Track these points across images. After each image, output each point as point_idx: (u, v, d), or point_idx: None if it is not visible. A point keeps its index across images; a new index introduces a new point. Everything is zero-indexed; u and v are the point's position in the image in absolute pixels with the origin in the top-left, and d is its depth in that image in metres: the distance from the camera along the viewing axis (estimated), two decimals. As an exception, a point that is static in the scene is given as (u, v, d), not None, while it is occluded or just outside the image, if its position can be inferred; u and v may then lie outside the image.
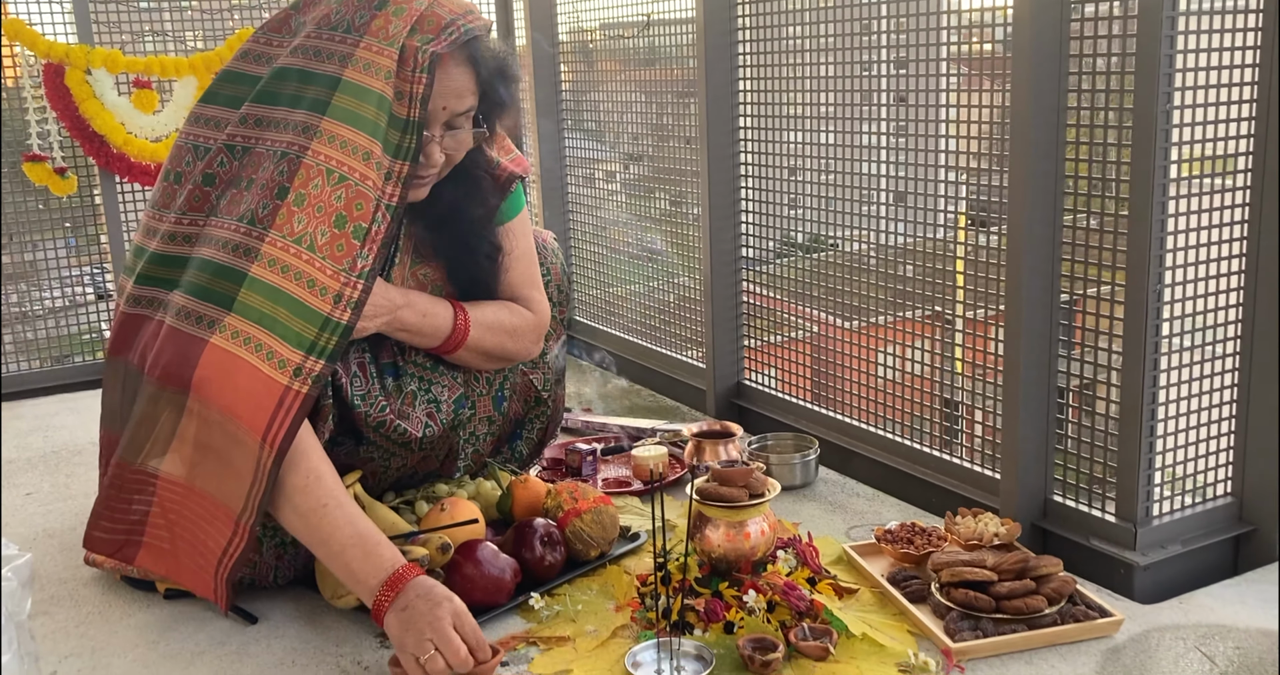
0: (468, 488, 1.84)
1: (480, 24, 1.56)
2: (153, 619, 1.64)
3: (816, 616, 1.49)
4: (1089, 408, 1.73)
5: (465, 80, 1.56)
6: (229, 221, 1.55)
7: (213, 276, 1.53)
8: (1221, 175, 1.62)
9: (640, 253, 2.93)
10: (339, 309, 1.48)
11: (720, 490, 1.58)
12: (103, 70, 2.80)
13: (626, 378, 2.92)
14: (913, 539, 1.71)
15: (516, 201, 1.82)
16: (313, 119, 1.53)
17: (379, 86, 1.51)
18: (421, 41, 1.51)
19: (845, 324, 2.23)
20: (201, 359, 1.48)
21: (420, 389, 1.74)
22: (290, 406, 1.45)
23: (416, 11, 1.52)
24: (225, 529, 1.49)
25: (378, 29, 1.53)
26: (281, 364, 1.47)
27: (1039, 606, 1.47)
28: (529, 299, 1.82)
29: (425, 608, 1.40)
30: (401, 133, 1.51)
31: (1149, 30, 1.49)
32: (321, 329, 1.48)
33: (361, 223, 1.50)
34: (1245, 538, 1.71)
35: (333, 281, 1.48)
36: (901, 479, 2.04)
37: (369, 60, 1.52)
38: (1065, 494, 1.75)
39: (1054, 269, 1.70)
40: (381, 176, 1.51)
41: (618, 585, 1.65)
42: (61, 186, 2.86)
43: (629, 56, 2.92)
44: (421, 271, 1.74)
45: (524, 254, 1.83)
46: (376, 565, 1.45)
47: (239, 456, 1.47)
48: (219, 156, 1.59)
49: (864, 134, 2.15)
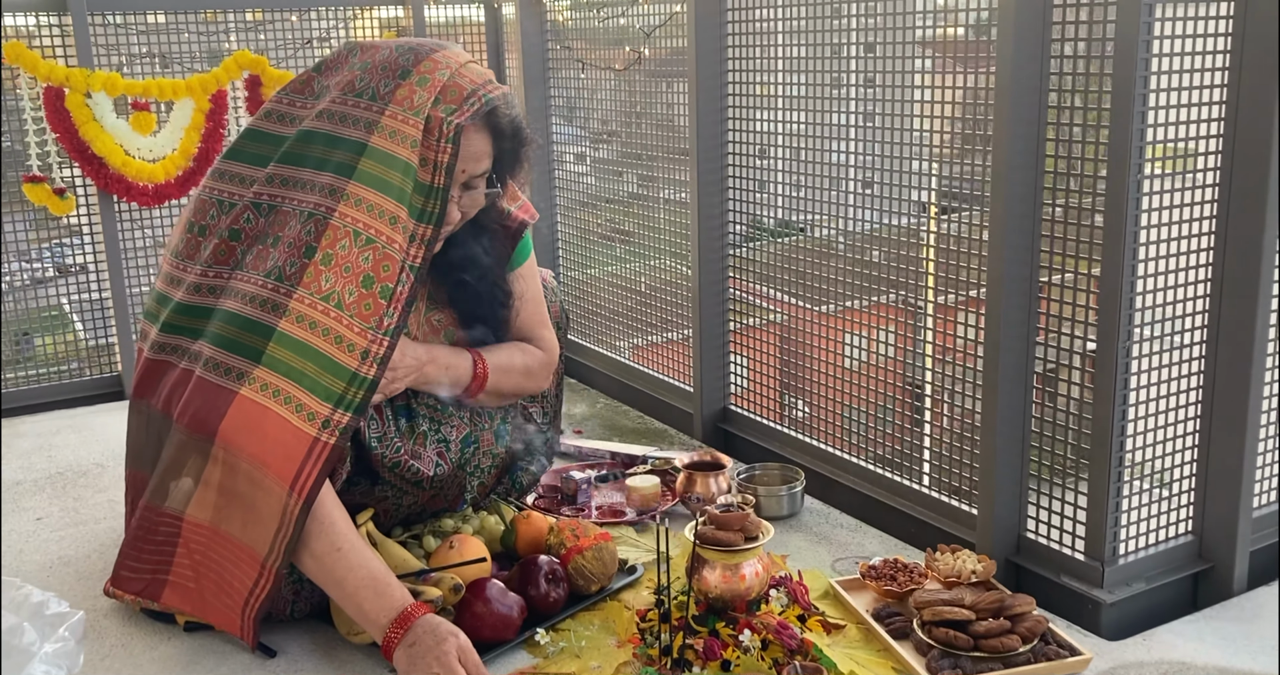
0: (472, 523, 1.93)
1: (499, 93, 1.64)
2: (175, 652, 1.72)
3: (807, 654, 1.59)
4: (1060, 451, 1.84)
5: (483, 145, 1.66)
6: (256, 277, 1.63)
7: (240, 329, 1.61)
8: (1193, 189, 1.70)
9: (627, 294, 3.02)
10: (366, 365, 1.57)
11: (717, 534, 1.68)
12: (102, 93, 2.84)
13: (614, 398, 3.02)
14: (895, 575, 1.81)
15: (525, 247, 1.92)
16: (340, 182, 1.61)
17: (405, 154, 1.59)
18: (446, 112, 1.60)
19: (818, 307, 2.34)
20: (230, 409, 1.56)
21: (431, 429, 1.83)
22: (319, 457, 1.54)
23: (440, 82, 1.61)
24: (251, 571, 1.58)
25: (403, 98, 1.61)
26: (310, 416, 1.55)
27: (1014, 646, 1.59)
28: (540, 338, 1.94)
29: (432, 642, 1.50)
30: (426, 198, 1.60)
31: (1127, 19, 1.57)
32: (349, 383, 1.57)
33: (388, 284, 1.59)
34: (1204, 575, 1.82)
35: (360, 338, 1.57)
36: (882, 510, 2.15)
37: (395, 128, 1.60)
38: (1038, 531, 1.86)
39: (1033, 271, 1.79)
40: (406, 239, 1.60)
41: (619, 620, 1.75)
42: (60, 206, 2.91)
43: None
44: (435, 318, 1.83)
45: (534, 296, 1.94)
46: (388, 605, 1.55)
47: (265, 503, 1.55)
48: (245, 213, 1.67)
49: (836, 113, 2.25)
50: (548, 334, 1.96)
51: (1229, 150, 1.68)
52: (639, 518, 2.14)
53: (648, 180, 2.94)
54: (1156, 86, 1.62)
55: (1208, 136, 1.70)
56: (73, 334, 3.22)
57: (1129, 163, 1.61)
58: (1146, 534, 1.80)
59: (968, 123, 2.00)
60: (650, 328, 2.94)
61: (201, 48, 3.09)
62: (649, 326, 2.94)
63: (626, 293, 3.03)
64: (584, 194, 3.21)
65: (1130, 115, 1.59)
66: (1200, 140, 1.70)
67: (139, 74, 2.99)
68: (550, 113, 3.23)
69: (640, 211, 2.97)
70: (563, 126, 3.24)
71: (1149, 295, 1.71)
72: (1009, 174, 1.74)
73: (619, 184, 3.12)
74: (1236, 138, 1.67)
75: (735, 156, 2.51)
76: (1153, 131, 1.63)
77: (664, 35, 2.76)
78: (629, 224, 3.03)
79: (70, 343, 3.17)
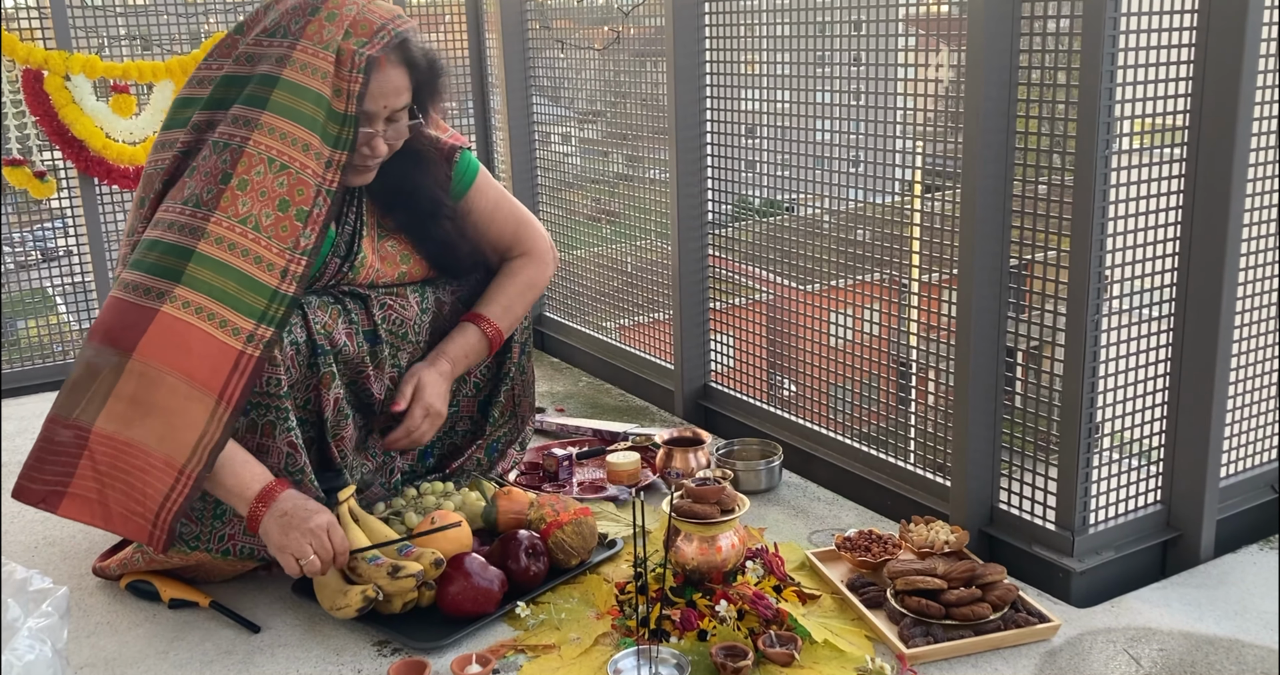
0: (454, 499, 1.95)
1: (408, 27, 1.72)
2: (159, 629, 1.75)
3: (783, 624, 1.63)
4: (1032, 423, 1.87)
5: (401, 79, 1.74)
6: (174, 205, 1.70)
7: (161, 253, 1.68)
8: (1161, 164, 1.73)
9: (611, 272, 3.04)
10: (285, 283, 1.67)
11: (694, 507, 1.70)
12: (81, 75, 2.84)
13: (595, 376, 3.04)
14: (870, 546, 1.84)
15: (469, 167, 2.00)
16: (253, 113, 1.69)
17: (316, 85, 1.67)
18: (358, 44, 1.67)
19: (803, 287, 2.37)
20: (151, 327, 1.64)
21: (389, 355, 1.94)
22: (245, 369, 1.64)
23: (349, 17, 1.69)
24: (167, 478, 1.64)
25: (313, 33, 1.69)
26: (235, 331, 1.64)
27: (984, 613, 1.62)
28: (523, 239, 2.05)
29: (303, 515, 1.65)
30: (340, 126, 1.68)
31: (1094, 3, 1.59)
32: (271, 300, 1.66)
33: (304, 206, 1.68)
34: (1172, 543, 1.86)
35: (279, 258, 1.67)
36: (859, 483, 2.18)
37: (305, 61, 1.68)
38: (1010, 503, 1.89)
39: (1004, 246, 1.81)
40: (321, 165, 1.69)
41: (598, 593, 1.77)
42: (41, 190, 2.91)
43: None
44: (389, 244, 1.92)
45: (499, 201, 2.04)
46: (250, 480, 1.67)
47: (190, 412, 1.63)
48: (175, 164, 1.75)
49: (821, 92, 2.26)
50: (529, 231, 2.06)
51: (1196, 124, 1.71)
52: (619, 493, 2.16)
53: (633, 160, 2.95)
54: (1124, 63, 1.64)
55: (1174, 112, 1.72)
56: (56, 317, 3.23)
57: (1096, 138, 1.63)
58: (1116, 504, 1.83)
59: (952, 100, 2.02)
60: (637, 308, 2.96)
61: (181, 30, 3.08)
62: (636, 306, 2.96)
63: (613, 273, 3.04)
64: (569, 174, 3.22)
65: (1098, 90, 1.61)
66: (1168, 116, 1.72)
67: (119, 56, 2.99)
68: (530, 92, 3.23)
69: (626, 191, 2.98)
70: (547, 106, 3.25)
71: (1117, 269, 1.74)
72: (981, 152, 1.76)
73: (604, 164, 3.13)
74: (1203, 112, 1.70)
75: (715, 135, 2.52)
76: (1120, 107, 1.65)
77: (646, 14, 2.77)
78: (615, 204, 3.04)
79: (54, 326, 3.18)
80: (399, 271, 1.93)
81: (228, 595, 1.83)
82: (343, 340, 1.81)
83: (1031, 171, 1.76)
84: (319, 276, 1.83)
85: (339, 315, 1.82)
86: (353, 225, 1.86)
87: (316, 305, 1.79)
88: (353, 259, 1.85)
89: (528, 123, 3.25)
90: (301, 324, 1.75)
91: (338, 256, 1.84)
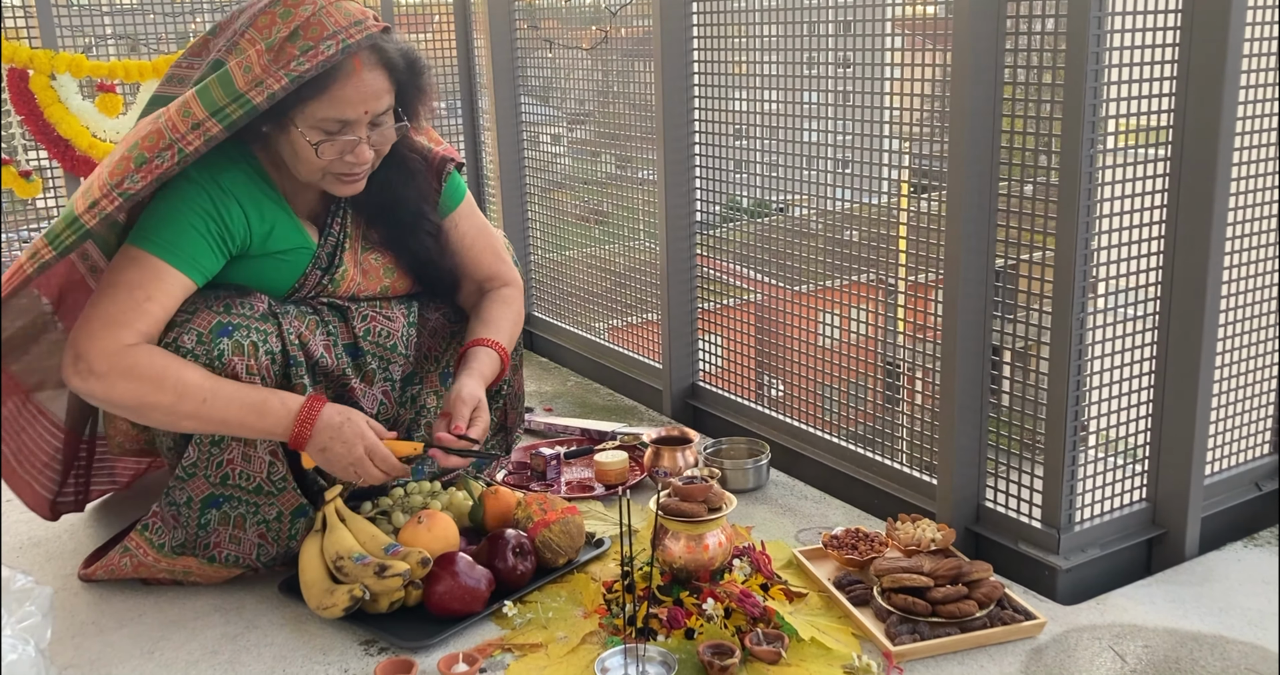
0: (441, 498, 1.95)
1: (368, 31, 1.62)
2: (144, 629, 1.74)
3: (769, 622, 1.63)
4: (1018, 422, 1.88)
5: (380, 82, 1.67)
6: None
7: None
8: (1146, 163, 1.74)
9: (601, 274, 3.04)
10: (89, 214, 1.59)
11: (681, 506, 1.70)
12: (67, 75, 2.83)
13: (584, 375, 3.04)
14: (857, 544, 1.85)
15: (457, 188, 1.99)
16: (188, 94, 1.63)
17: (242, 85, 1.59)
18: (302, 49, 1.58)
19: (792, 287, 2.37)
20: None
21: (379, 368, 1.93)
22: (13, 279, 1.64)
23: (302, 17, 1.60)
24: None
25: (263, 26, 1.62)
26: (33, 254, 1.62)
27: (970, 611, 1.62)
28: (499, 274, 2.04)
29: (343, 450, 1.69)
30: (233, 104, 1.59)
31: (1079, 5, 1.60)
32: (68, 226, 1.61)
33: (145, 153, 1.59)
34: (1157, 540, 1.87)
35: (98, 192, 1.60)
36: (846, 482, 2.19)
37: (247, 54, 1.61)
38: (997, 501, 1.90)
39: (990, 247, 1.82)
40: (188, 125, 1.59)
41: (585, 592, 1.77)
42: (27, 189, 2.90)
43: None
44: (372, 257, 1.90)
45: (482, 231, 2.03)
46: (275, 422, 1.67)
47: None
48: None
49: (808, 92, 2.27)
50: (505, 268, 2.05)
51: (1180, 125, 1.72)
52: (606, 492, 2.16)
53: (624, 161, 2.96)
54: (1109, 62, 1.65)
55: (1159, 112, 1.73)
56: (42, 317, 3.21)
57: (1081, 139, 1.63)
58: (1102, 502, 1.84)
59: (941, 101, 2.02)
60: (626, 308, 2.96)
61: (168, 29, 3.08)
62: (625, 307, 2.96)
63: (603, 273, 3.04)
64: (558, 175, 3.22)
65: (1083, 92, 1.62)
66: (1152, 115, 1.73)
67: (105, 56, 2.98)
68: (519, 93, 3.23)
69: (614, 192, 2.98)
70: (536, 107, 3.24)
71: (1102, 269, 1.75)
72: (966, 153, 1.76)
73: (593, 165, 3.13)
74: (1187, 113, 1.70)
75: (704, 136, 2.53)
76: (1105, 107, 1.66)
77: (635, 15, 2.77)
78: (604, 205, 3.04)
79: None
80: (381, 285, 1.91)
81: (214, 593, 1.82)
82: (319, 351, 1.79)
83: (1018, 172, 1.77)
84: (299, 287, 1.82)
85: (316, 326, 1.80)
86: (336, 237, 1.84)
87: (294, 315, 1.77)
88: (333, 272, 1.84)
89: (516, 124, 3.25)
90: (276, 334, 1.73)
91: (319, 268, 1.82)
